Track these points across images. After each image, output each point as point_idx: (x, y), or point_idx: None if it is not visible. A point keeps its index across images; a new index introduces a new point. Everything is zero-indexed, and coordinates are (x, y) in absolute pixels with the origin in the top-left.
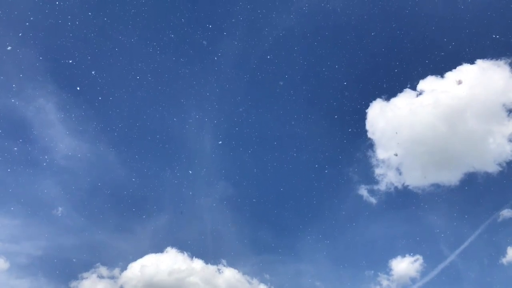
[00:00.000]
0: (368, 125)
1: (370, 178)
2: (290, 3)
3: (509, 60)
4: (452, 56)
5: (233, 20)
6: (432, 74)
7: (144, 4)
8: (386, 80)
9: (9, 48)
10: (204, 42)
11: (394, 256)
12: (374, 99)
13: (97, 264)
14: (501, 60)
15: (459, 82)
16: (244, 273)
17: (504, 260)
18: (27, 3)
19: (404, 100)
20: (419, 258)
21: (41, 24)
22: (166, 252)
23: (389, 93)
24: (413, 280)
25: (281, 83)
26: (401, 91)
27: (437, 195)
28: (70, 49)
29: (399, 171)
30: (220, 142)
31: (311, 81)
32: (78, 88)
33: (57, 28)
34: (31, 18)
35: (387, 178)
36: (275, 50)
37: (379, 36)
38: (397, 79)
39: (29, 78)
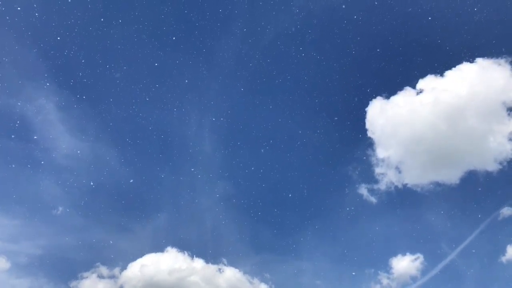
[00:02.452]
0: (368, 124)
1: (370, 177)
2: (289, 3)
3: (510, 59)
4: (452, 55)
5: (232, 19)
6: (432, 72)
7: (144, 4)
8: (386, 78)
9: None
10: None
11: (394, 254)
12: (374, 97)
13: (97, 264)
14: (501, 58)
15: None
16: (245, 273)
17: (504, 259)
18: (27, 2)
19: (404, 98)
20: (420, 257)
21: (41, 24)
22: (166, 251)
23: (389, 92)
24: (414, 279)
25: (279, 80)
26: (401, 89)
27: (437, 193)
28: (70, 49)
29: (399, 170)
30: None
31: (311, 80)
32: (76, 85)
33: (57, 28)
34: (31, 18)
35: (387, 177)
36: (274, 49)
37: (379, 34)
38: (397, 78)
39: (29, 78)
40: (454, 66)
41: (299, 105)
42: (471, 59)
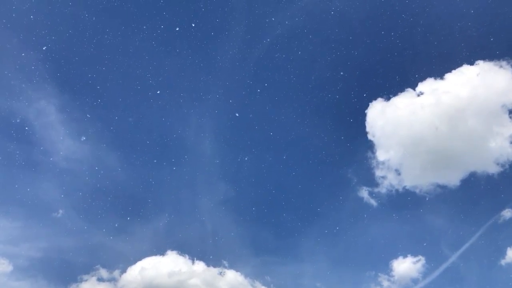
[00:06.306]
0: (368, 127)
1: (370, 180)
2: (289, 3)
3: (511, 61)
4: (453, 57)
5: (232, 19)
6: (432, 75)
7: (144, 5)
8: (386, 80)
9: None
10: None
11: (395, 256)
12: (375, 99)
13: (97, 266)
14: (503, 60)
15: None
16: (246, 276)
17: (503, 262)
18: (27, 3)
19: (405, 100)
20: (421, 259)
21: (41, 25)
22: (167, 255)
23: (389, 93)
24: (415, 281)
25: (279, 82)
26: (402, 91)
27: (438, 195)
28: (71, 50)
29: (399, 172)
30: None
31: (310, 81)
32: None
33: (58, 30)
34: (32, 20)
35: (387, 179)
36: (274, 50)
37: (379, 36)
38: (398, 80)
39: (30, 80)
40: (455, 69)
41: (299, 107)
42: (471, 62)
